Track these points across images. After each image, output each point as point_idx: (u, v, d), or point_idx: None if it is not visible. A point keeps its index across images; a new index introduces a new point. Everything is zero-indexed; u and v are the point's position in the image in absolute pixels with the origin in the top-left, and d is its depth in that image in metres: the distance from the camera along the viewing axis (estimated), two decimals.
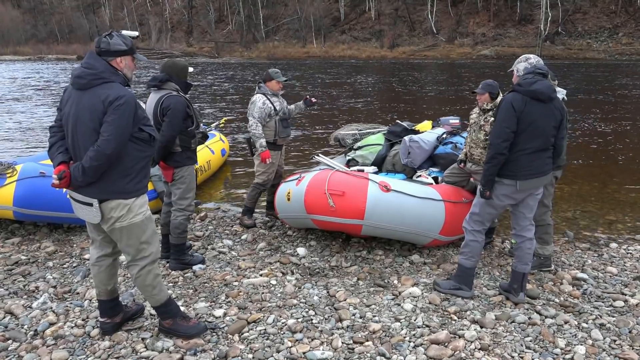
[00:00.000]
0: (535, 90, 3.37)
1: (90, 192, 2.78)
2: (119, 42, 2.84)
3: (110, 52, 2.82)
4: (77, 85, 2.76)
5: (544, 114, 3.42)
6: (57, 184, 2.74)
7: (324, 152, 7.87)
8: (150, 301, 3.08)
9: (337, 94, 18.85)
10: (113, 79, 2.77)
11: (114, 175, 2.77)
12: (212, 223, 5.48)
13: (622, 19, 43.69)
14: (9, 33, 59.16)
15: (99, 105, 2.69)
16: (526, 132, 3.40)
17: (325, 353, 2.97)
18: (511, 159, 3.45)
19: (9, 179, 4.64)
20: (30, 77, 26.99)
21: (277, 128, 5.11)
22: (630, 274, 4.29)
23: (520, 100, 3.38)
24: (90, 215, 2.85)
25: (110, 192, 2.79)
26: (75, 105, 2.75)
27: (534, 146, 3.43)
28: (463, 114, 7.20)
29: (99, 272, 3.06)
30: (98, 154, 2.66)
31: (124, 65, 2.88)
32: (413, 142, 5.38)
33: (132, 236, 2.89)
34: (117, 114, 2.67)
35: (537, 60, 3.62)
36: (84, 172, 2.69)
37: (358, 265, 4.35)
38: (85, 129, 2.72)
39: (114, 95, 2.69)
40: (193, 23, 60.93)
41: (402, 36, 50.04)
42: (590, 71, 28.16)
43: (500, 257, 4.64)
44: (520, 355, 3.03)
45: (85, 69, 2.76)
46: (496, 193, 3.56)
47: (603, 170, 8.15)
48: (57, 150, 2.85)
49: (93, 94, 2.71)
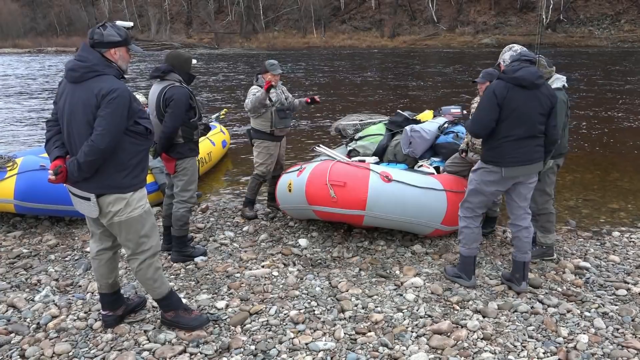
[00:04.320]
0: (518, 77, 3.34)
1: (87, 187, 2.76)
2: (112, 33, 2.79)
3: (104, 44, 2.77)
4: (71, 78, 2.73)
5: (527, 101, 3.38)
6: (54, 179, 2.72)
7: (324, 142, 7.84)
8: (152, 294, 3.08)
9: (338, 84, 18.77)
10: (107, 72, 2.73)
11: (109, 170, 2.74)
12: (214, 215, 5.47)
13: (625, 6, 43.27)
14: (8, 26, 58.80)
15: (92, 99, 2.65)
16: (510, 119, 3.38)
17: (328, 344, 2.98)
18: (495, 146, 3.45)
19: (10, 172, 4.64)
20: (30, 70, 26.91)
21: (274, 119, 5.09)
22: (633, 262, 4.28)
23: (503, 87, 3.36)
24: (88, 210, 2.84)
25: (107, 187, 2.77)
26: (69, 99, 2.72)
27: (518, 133, 3.40)
28: (464, 103, 7.14)
29: (99, 266, 3.05)
30: (92, 148, 2.63)
31: (118, 56, 2.83)
32: (414, 132, 5.36)
33: (132, 230, 2.88)
34: (110, 107, 2.64)
35: (521, 48, 3.63)
36: (79, 167, 2.67)
37: (360, 255, 4.35)
38: (79, 123, 2.69)
39: (107, 89, 2.64)
40: (192, 14, 60.51)
41: (403, 25, 49.70)
42: (592, 59, 27.97)
43: (502, 246, 4.63)
44: (523, 344, 3.03)
45: (78, 61, 2.72)
46: (483, 179, 3.56)
47: (605, 158, 8.12)
48: (53, 144, 2.82)
49: (86, 87, 2.68)
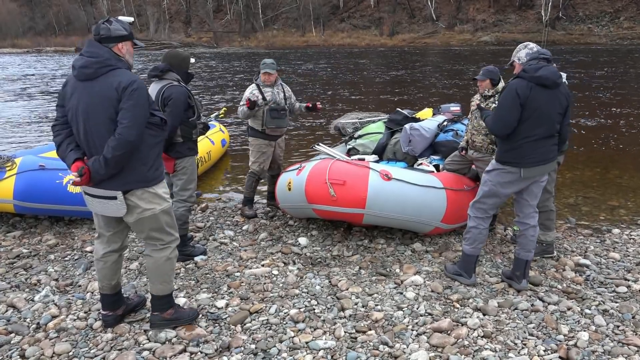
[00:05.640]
0: (541, 76, 3.30)
1: (113, 185, 2.73)
2: (118, 27, 2.77)
3: (112, 38, 2.74)
4: (83, 76, 2.67)
5: (549, 100, 3.35)
6: (79, 181, 2.64)
7: (324, 141, 7.83)
8: (162, 289, 3.03)
9: (337, 83, 18.76)
10: (119, 65, 2.72)
11: (134, 164, 2.73)
12: (214, 214, 5.47)
13: (624, 3, 43.25)
14: (7, 26, 58.80)
15: (112, 93, 2.62)
16: (531, 119, 3.34)
17: (328, 342, 2.97)
18: (515, 147, 3.40)
19: (9, 172, 4.63)
20: (29, 70, 26.88)
21: (265, 118, 5.07)
22: (633, 260, 4.28)
23: (525, 87, 3.31)
24: (113, 209, 2.78)
25: (133, 182, 2.75)
26: (85, 97, 2.67)
27: (539, 133, 3.37)
28: (464, 101, 7.14)
29: (103, 268, 3.03)
30: (120, 142, 2.61)
31: (125, 51, 2.81)
32: (414, 130, 5.36)
33: (161, 221, 2.90)
34: (133, 99, 2.63)
35: (536, 46, 3.59)
36: (106, 164, 2.63)
37: (360, 254, 4.34)
38: (98, 119, 2.66)
39: (126, 81, 2.63)
40: (191, 13, 60.51)
41: (402, 23, 49.68)
42: (592, 56, 27.97)
43: (503, 244, 4.63)
44: (524, 342, 3.03)
45: (90, 57, 2.67)
46: (500, 181, 3.52)
47: (605, 156, 8.11)
48: (68, 147, 2.75)
49: (103, 82, 2.65)
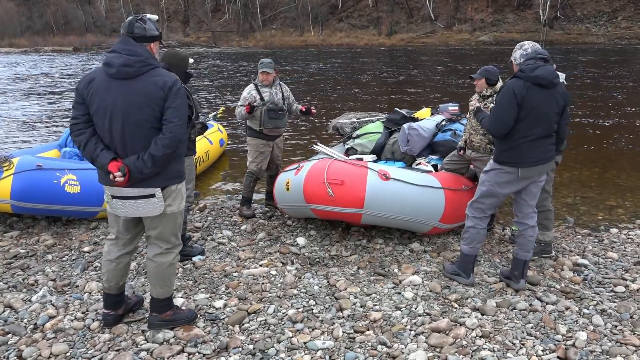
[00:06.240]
0: (537, 75, 3.30)
1: (153, 182, 2.72)
2: (152, 27, 2.78)
3: (147, 38, 2.75)
4: (124, 74, 2.63)
5: (546, 100, 3.36)
6: (122, 180, 2.61)
7: (322, 141, 7.83)
8: (163, 292, 3.02)
9: (335, 82, 18.75)
10: (157, 65, 2.74)
11: (172, 160, 2.77)
12: (212, 214, 5.46)
13: (621, 3, 43.26)
14: (4, 25, 58.59)
15: (158, 92, 2.63)
16: (528, 119, 3.34)
17: (326, 343, 2.97)
18: (513, 146, 3.40)
19: (6, 172, 4.61)
20: (27, 70, 26.82)
21: (263, 118, 5.07)
22: (631, 259, 4.29)
23: (522, 87, 3.31)
24: (149, 208, 2.76)
25: (171, 178, 2.78)
26: (123, 96, 2.64)
27: (536, 133, 3.38)
28: (462, 101, 7.14)
29: (115, 269, 3.01)
30: (173, 140, 2.63)
31: (155, 51, 2.84)
32: (412, 130, 5.35)
33: (175, 222, 2.90)
34: (180, 98, 2.67)
35: (532, 46, 3.59)
36: (153, 162, 2.62)
37: (358, 254, 4.34)
38: (139, 117, 2.64)
39: (171, 81, 2.67)
40: (189, 13, 60.41)
41: (400, 23, 49.66)
42: (589, 56, 28.00)
43: (501, 244, 4.63)
44: (522, 342, 3.03)
45: (131, 56, 2.64)
46: (498, 181, 3.52)
47: (603, 156, 8.13)
48: (97, 147, 2.69)
49: (144, 81, 2.64)
